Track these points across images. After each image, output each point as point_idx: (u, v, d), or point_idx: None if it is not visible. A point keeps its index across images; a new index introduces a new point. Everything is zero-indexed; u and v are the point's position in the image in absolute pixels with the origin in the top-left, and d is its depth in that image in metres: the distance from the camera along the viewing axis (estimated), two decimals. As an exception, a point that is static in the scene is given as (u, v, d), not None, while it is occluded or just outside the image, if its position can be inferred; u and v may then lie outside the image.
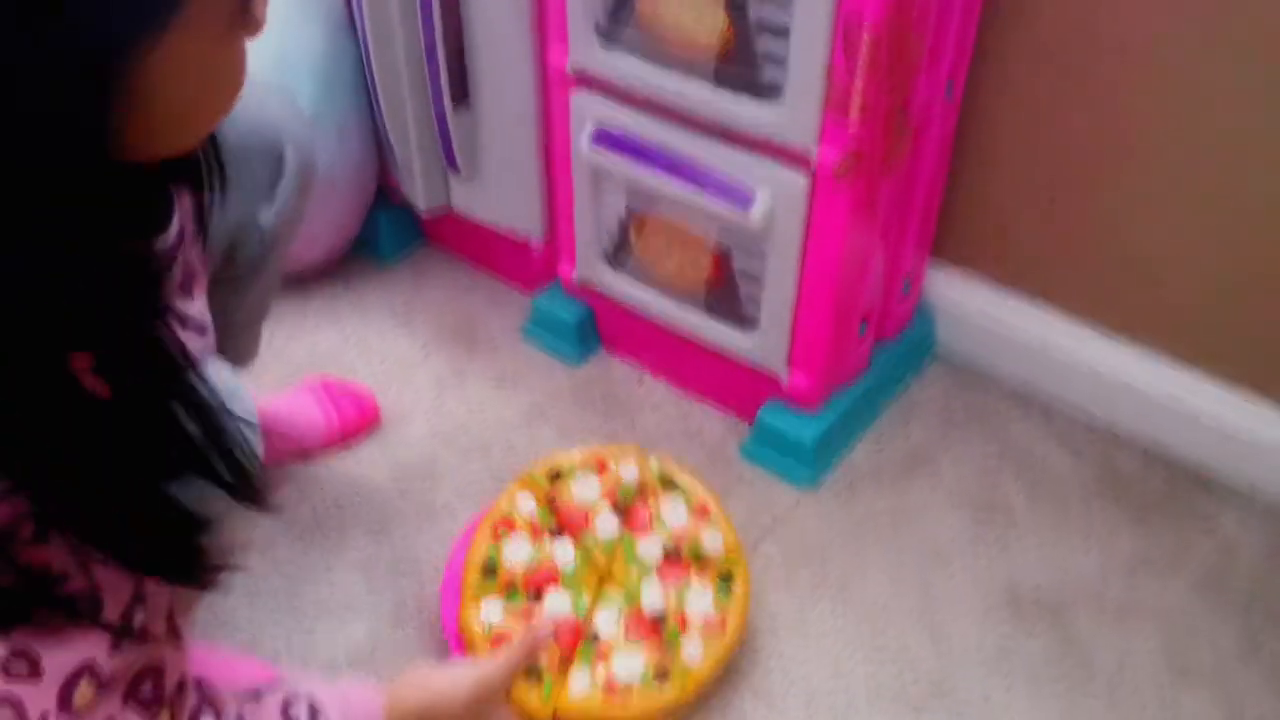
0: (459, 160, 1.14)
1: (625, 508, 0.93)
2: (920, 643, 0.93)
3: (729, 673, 0.89)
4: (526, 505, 0.93)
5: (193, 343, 0.60)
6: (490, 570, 0.89)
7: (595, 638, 0.86)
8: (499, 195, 1.17)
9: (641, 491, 0.94)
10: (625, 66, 0.94)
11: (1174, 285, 1.02)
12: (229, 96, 0.54)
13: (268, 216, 0.80)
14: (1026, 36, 0.98)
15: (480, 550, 0.90)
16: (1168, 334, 1.05)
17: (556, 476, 0.95)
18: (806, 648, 0.92)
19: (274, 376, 1.14)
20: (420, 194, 1.20)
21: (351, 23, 1.15)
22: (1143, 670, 0.91)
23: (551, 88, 1.04)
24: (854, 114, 0.84)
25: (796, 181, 0.90)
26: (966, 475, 1.06)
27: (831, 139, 0.86)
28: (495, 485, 1.05)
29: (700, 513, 0.93)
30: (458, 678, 0.74)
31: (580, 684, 0.83)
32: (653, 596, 0.88)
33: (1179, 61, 0.91)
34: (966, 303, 1.15)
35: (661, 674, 0.84)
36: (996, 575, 0.98)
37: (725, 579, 0.89)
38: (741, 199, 0.93)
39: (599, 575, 0.89)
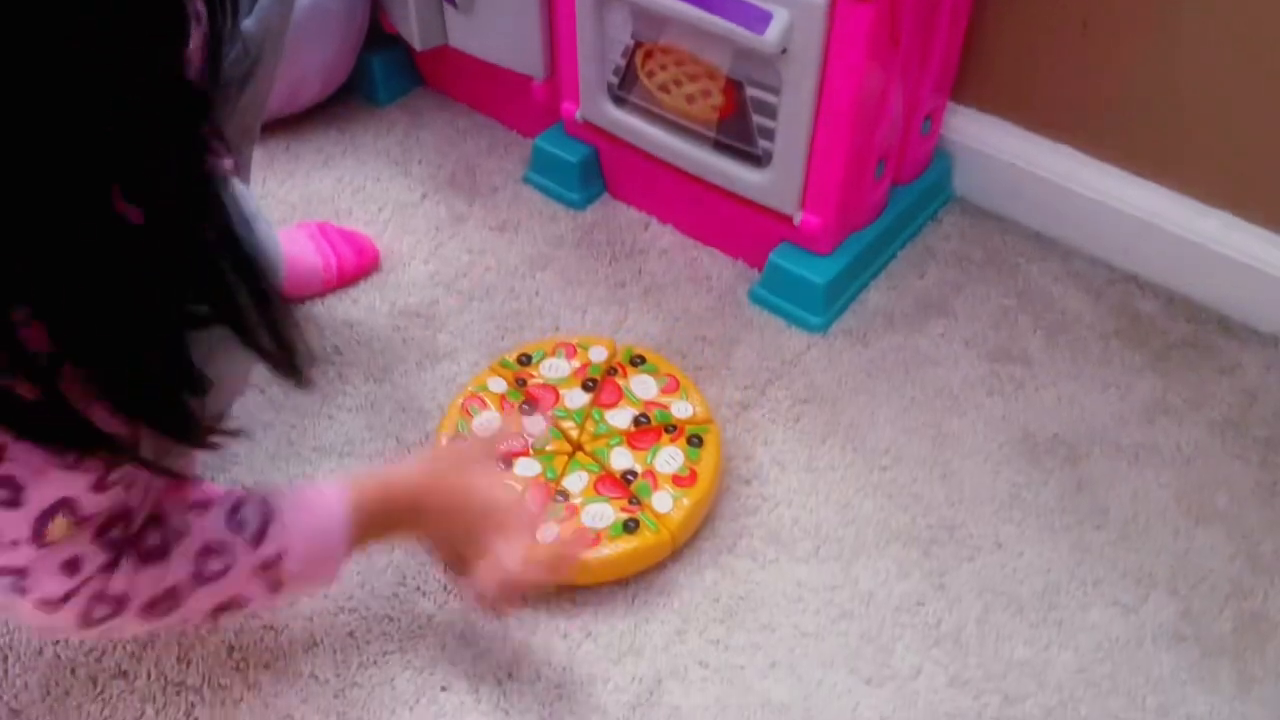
0: (455, -12, 1.08)
1: (594, 384, 0.91)
2: (931, 485, 0.91)
3: (730, 514, 0.88)
4: (497, 385, 0.91)
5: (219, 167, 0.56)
6: (459, 439, 0.88)
7: (564, 495, 0.85)
8: (498, 30, 1.11)
9: (610, 369, 0.92)
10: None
11: (1207, 125, 0.97)
12: None
13: (248, 22, 0.75)
14: None
15: (450, 422, 0.89)
16: (1197, 175, 1.00)
17: (526, 360, 0.93)
18: (816, 490, 0.90)
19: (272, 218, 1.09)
20: (415, 31, 1.13)
21: None
22: (1157, 510, 0.89)
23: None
24: (879, -81, 0.78)
25: (815, 0, 0.84)
26: (982, 319, 1.03)
27: (854, -51, 0.80)
28: (497, 330, 1.02)
29: (669, 387, 0.91)
30: (415, 461, 0.75)
31: (548, 537, 0.82)
32: (621, 458, 0.87)
33: None
34: (987, 144, 1.10)
35: (631, 525, 0.82)
36: (1011, 419, 0.96)
37: (695, 441, 0.87)
38: (757, 18, 0.87)
39: (569, 445, 0.88)
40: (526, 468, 0.87)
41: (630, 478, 0.85)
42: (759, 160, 0.99)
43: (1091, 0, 0.97)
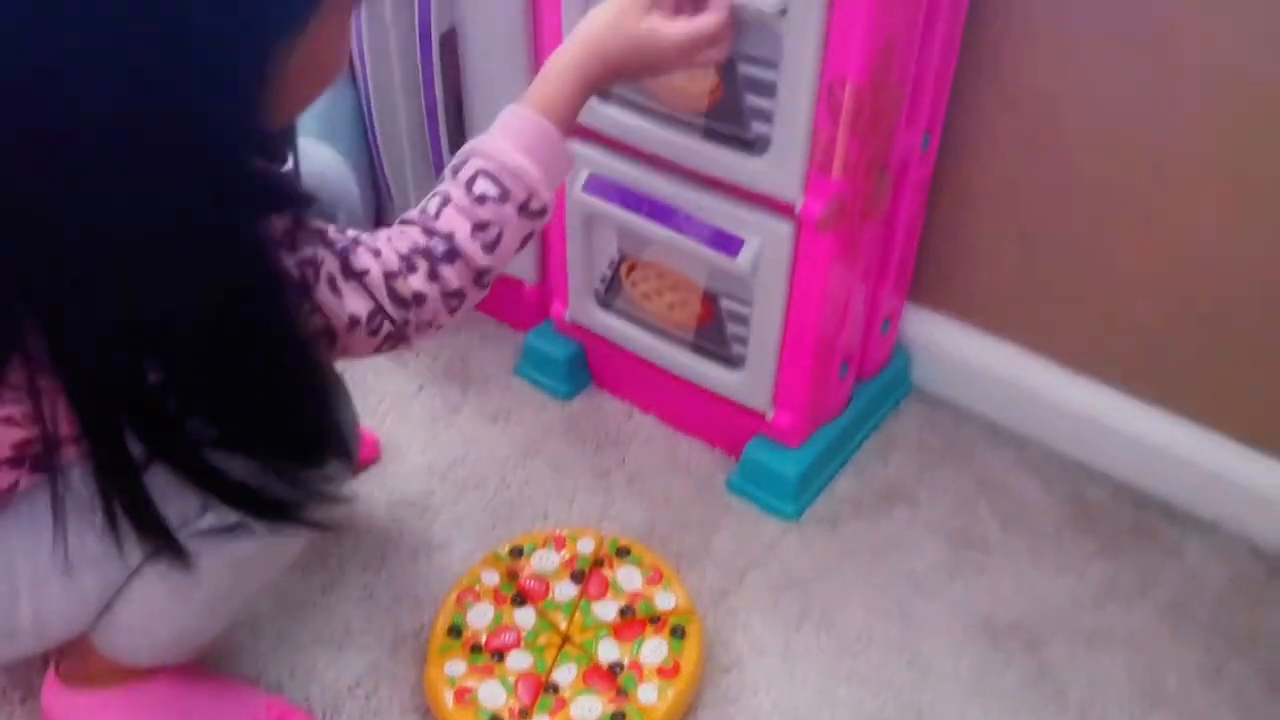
0: (455, 204, 1.18)
1: (583, 576, 0.98)
2: (900, 670, 0.97)
3: (712, 703, 0.93)
4: (490, 578, 0.98)
5: None
6: (455, 632, 0.93)
7: (554, 689, 0.90)
8: (492, 237, 1.21)
9: (597, 561, 0.99)
10: (618, 117, 0.98)
11: (1137, 327, 1.07)
12: (336, 74, 0.65)
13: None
14: (999, 89, 1.03)
15: (446, 615, 0.95)
16: (1133, 372, 1.10)
17: (518, 552, 1.00)
18: (794, 676, 0.96)
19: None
20: (416, 236, 1.23)
21: (353, 78, 1.19)
22: (1113, 694, 0.95)
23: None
24: (837, 171, 0.88)
25: (782, 230, 0.94)
26: (943, 506, 1.11)
27: (815, 193, 0.90)
28: (489, 520, 1.08)
29: (653, 578, 0.98)
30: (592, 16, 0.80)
31: None
32: (609, 650, 0.92)
33: (1146, 112, 0.97)
34: (942, 341, 1.20)
35: (618, 718, 0.87)
36: (973, 603, 1.02)
37: (678, 632, 0.93)
38: (730, 246, 0.97)
39: (558, 637, 0.93)
40: (518, 660, 0.92)
41: (617, 670, 0.91)
42: (733, 362, 1.08)
43: (1028, 215, 1.09)
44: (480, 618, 0.95)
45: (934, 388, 1.23)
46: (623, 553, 0.99)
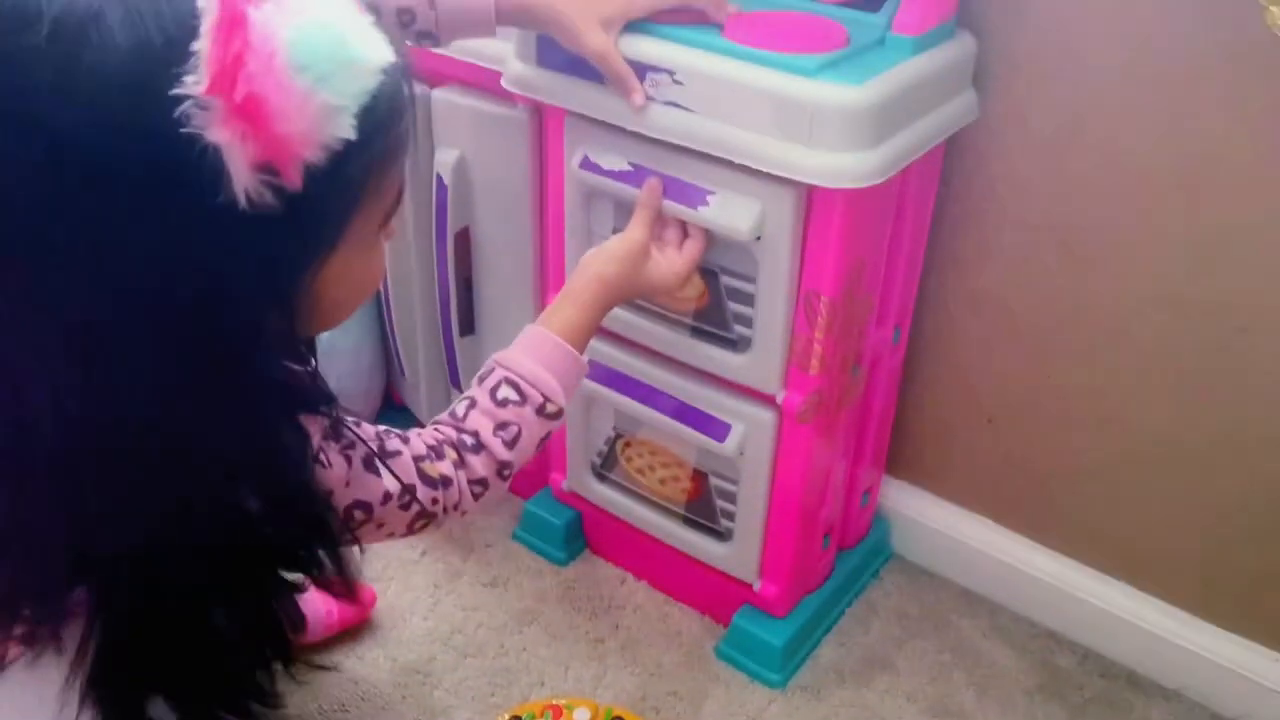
0: (462, 383, 1.27)
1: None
2: (883, 840, 1.01)
3: None
4: None
5: None
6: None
7: None
8: (496, 410, 1.30)
9: None
10: (617, 313, 1.08)
11: (1099, 504, 1.15)
12: (371, 290, 0.73)
13: None
14: (964, 285, 1.14)
15: None
16: (1093, 548, 1.17)
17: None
18: (779, 846, 1.00)
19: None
20: (425, 410, 1.32)
21: (369, 259, 1.30)
22: None
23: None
24: (814, 369, 0.98)
25: (765, 418, 1.03)
26: (921, 674, 1.16)
27: (795, 388, 0.99)
28: (488, 686, 1.13)
29: None
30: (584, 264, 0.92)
31: None
32: None
33: (1095, 317, 1.07)
34: (918, 513, 1.28)
35: None
36: (951, 773, 1.07)
37: None
38: (717, 431, 1.05)
39: None
40: None
41: None
42: (722, 535, 1.15)
43: (994, 400, 1.18)
44: None
45: (913, 554, 1.30)
46: None
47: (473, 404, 0.84)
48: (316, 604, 1.16)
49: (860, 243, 0.94)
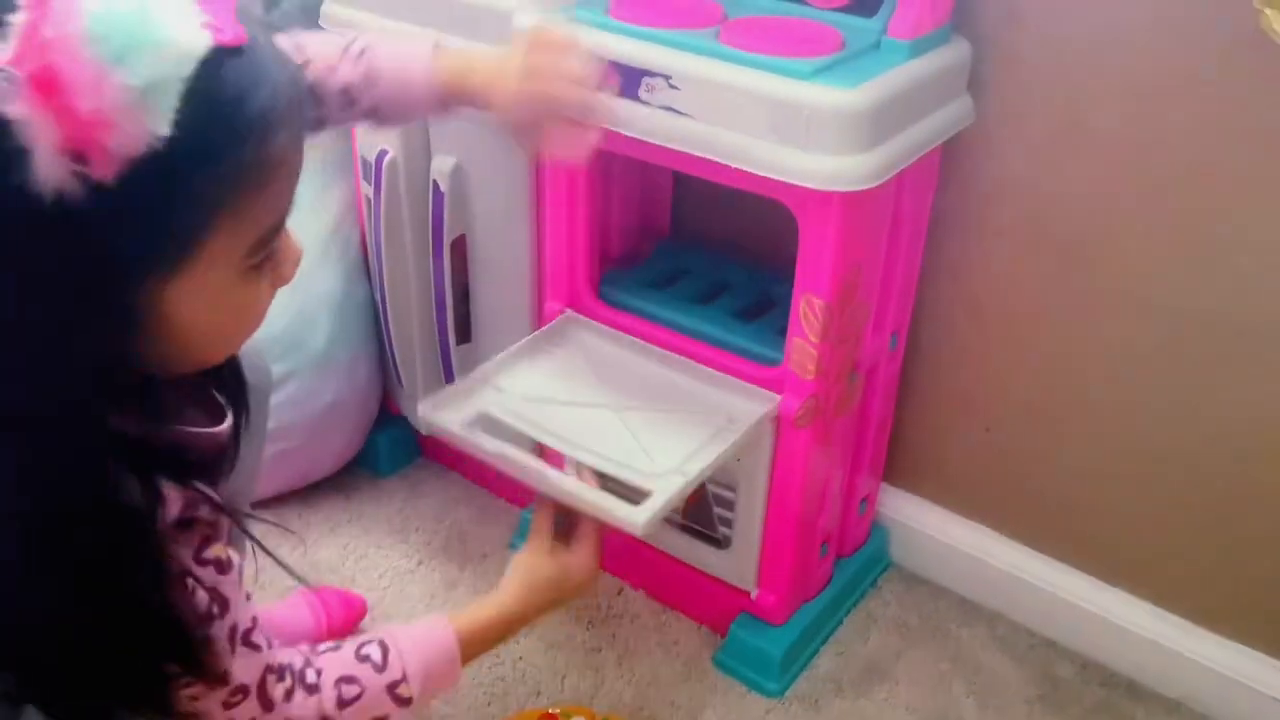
0: (459, 391, 1.27)
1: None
2: None
3: None
4: None
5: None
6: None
7: None
8: (492, 419, 1.29)
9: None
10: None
11: (1096, 511, 1.15)
12: (244, 333, 0.66)
13: None
14: (960, 292, 1.14)
15: None
16: (1091, 556, 1.17)
17: None
18: None
19: (278, 589, 1.22)
20: (422, 418, 1.31)
21: (365, 267, 1.30)
22: None
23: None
24: (810, 374, 0.97)
25: (764, 426, 1.03)
26: (920, 684, 1.15)
27: (792, 393, 0.99)
28: (484, 697, 1.12)
29: None
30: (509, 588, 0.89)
31: None
32: None
33: (1102, 317, 1.07)
34: (916, 521, 1.27)
35: None
36: (951, 783, 1.06)
37: None
38: (714, 439, 1.05)
39: None
40: None
41: None
42: (720, 543, 1.14)
43: (991, 409, 1.18)
44: None
45: (911, 563, 1.29)
46: None
47: (336, 647, 0.80)
48: (304, 615, 1.15)
49: (857, 247, 0.94)
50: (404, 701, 0.79)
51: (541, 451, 1.01)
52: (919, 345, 1.18)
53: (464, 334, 1.25)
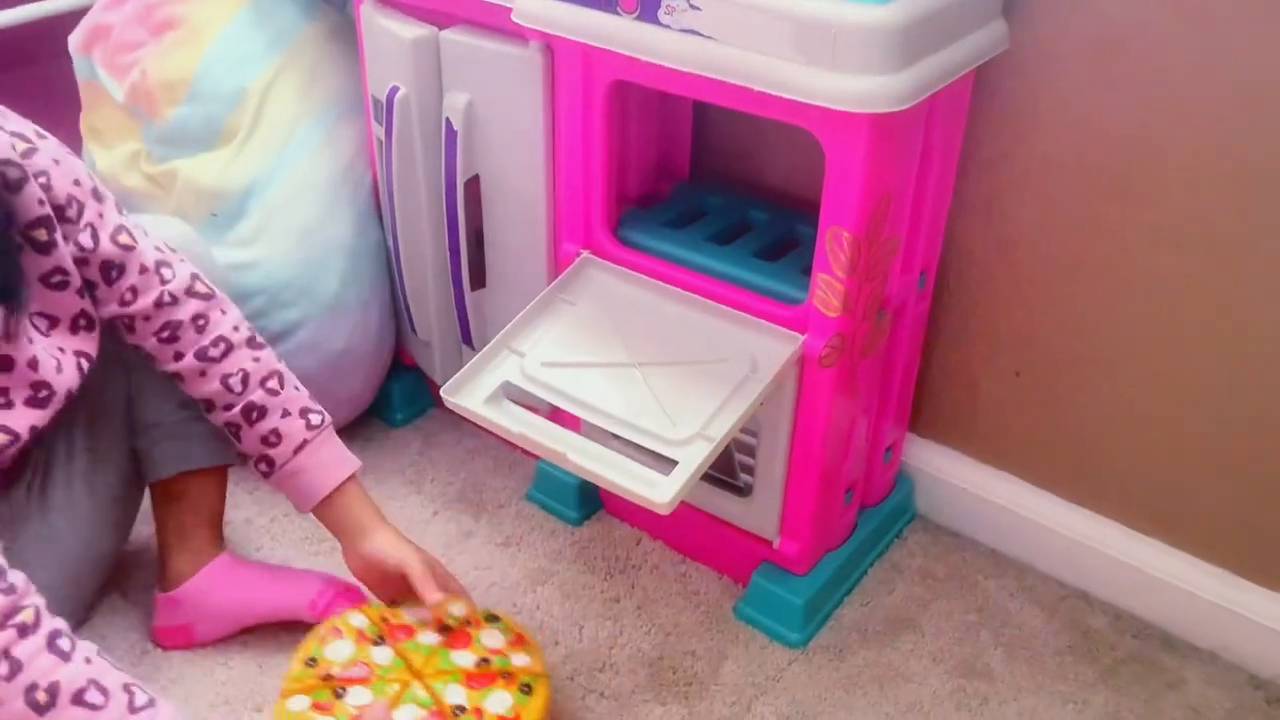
0: (474, 338, 1.24)
1: (448, 630, 1.00)
2: (909, 801, 0.97)
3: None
4: (359, 621, 1.00)
5: None
6: (311, 662, 0.95)
7: None
8: (508, 367, 1.26)
9: (466, 622, 1.01)
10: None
11: (1129, 459, 1.11)
12: None
13: None
14: (992, 230, 1.10)
15: (306, 647, 0.97)
16: (1125, 505, 1.13)
17: (393, 603, 1.03)
18: (801, 806, 0.96)
19: (295, 535, 1.20)
20: (437, 367, 1.29)
21: (377, 212, 1.27)
22: (1120, 828, 0.95)
23: (561, 270, 1.14)
24: (835, 311, 0.94)
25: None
26: (947, 634, 1.13)
27: (817, 331, 0.96)
28: (502, 645, 1.10)
29: (515, 642, 0.99)
30: None
31: None
32: (455, 695, 0.93)
33: (1133, 260, 1.03)
34: (943, 471, 1.24)
35: None
36: (979, 734, 1.03)
37: (526, 689, 0.94)
38: (736, 381, 1.02)
39: (409, 675, 0.95)
40: (359, 697, 0.92)
41: (458, 713, 0.91)
42: (741, 491, 1.11)
43: (1021, 353, 1.14)
44: (338, 652, 0.96)
45: (937, 514, 1.26)
46: (491, 619, 1.01)
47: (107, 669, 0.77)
48: (299, 596, 1.09)
49: (886, 176, 0.90)
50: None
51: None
52: (947, 285, 1.14)
53: (479, 279, 1.22)
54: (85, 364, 0.91)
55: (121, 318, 0.92)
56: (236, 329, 0.97)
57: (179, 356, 0.95)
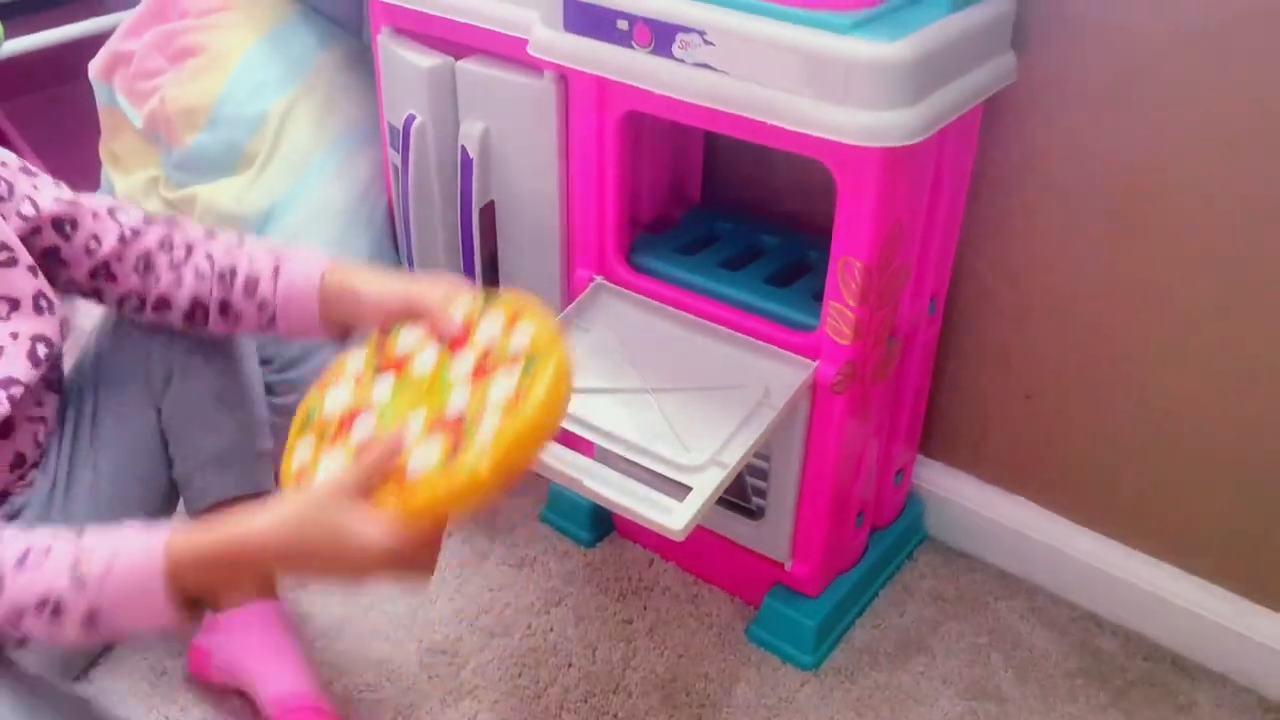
0: (488, 360, 1.25)
1: (448, 340, 0.85)
2: (921, 824, 0.98)
3: None
4: (355, 363, 0.88)
5: None
6: (308, 420, 0.85)
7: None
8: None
9: (465, 322, 0.86)
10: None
11: (1138, 482, 1.12)
12: None
13: None
14: (1001, 256, 1.11)
15: (305, 404, 0.86)
16: (1134, 529, 1.14)
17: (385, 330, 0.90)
18: (814, 829, 0.97)
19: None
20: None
21: (393, 236, 1.28)
22: None
23: (575, 296, 1.16)
24: (848, 339, 0.95)
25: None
26: (957, 656, 1.13)
27: (829, 359, 0.97)
28: (515, 667, 1.11)
29: (512, 320, 0.84)
30: (263, 519, 0.74)
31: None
32: (457, 401, 0.80)
33: (1138, 288, 1.04)
34: (953, 493, 1.25)
35: (454, 454, 0.76)
36: (990, 757, 1.04)
37: (528, 367, 0.79)
38: (749, 406, 1.03)
39: (411, 400, 0.82)
40: (364, 427, 0.82)
41: (463, 416, 0.78)
42: (754, 514, 1.12)
43: (1032, 376, 1.15)
44: (338, 397, 0.85)
45: (948, 536, 1.27)
46: (488, 302, 0.86)
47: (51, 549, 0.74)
48: (278, 687, 1.03)
49: (897, 207, 0.91)
50: (89, 622, 0.72)
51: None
52: (957, 311, 1.15)
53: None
54: (43, 349, 0.89)
55: (99, 270, 0.91)
56: (196, 233, 0.94)
57: (159, 280, 0.93)
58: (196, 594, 0.74)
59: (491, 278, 1.22)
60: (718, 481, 0.92)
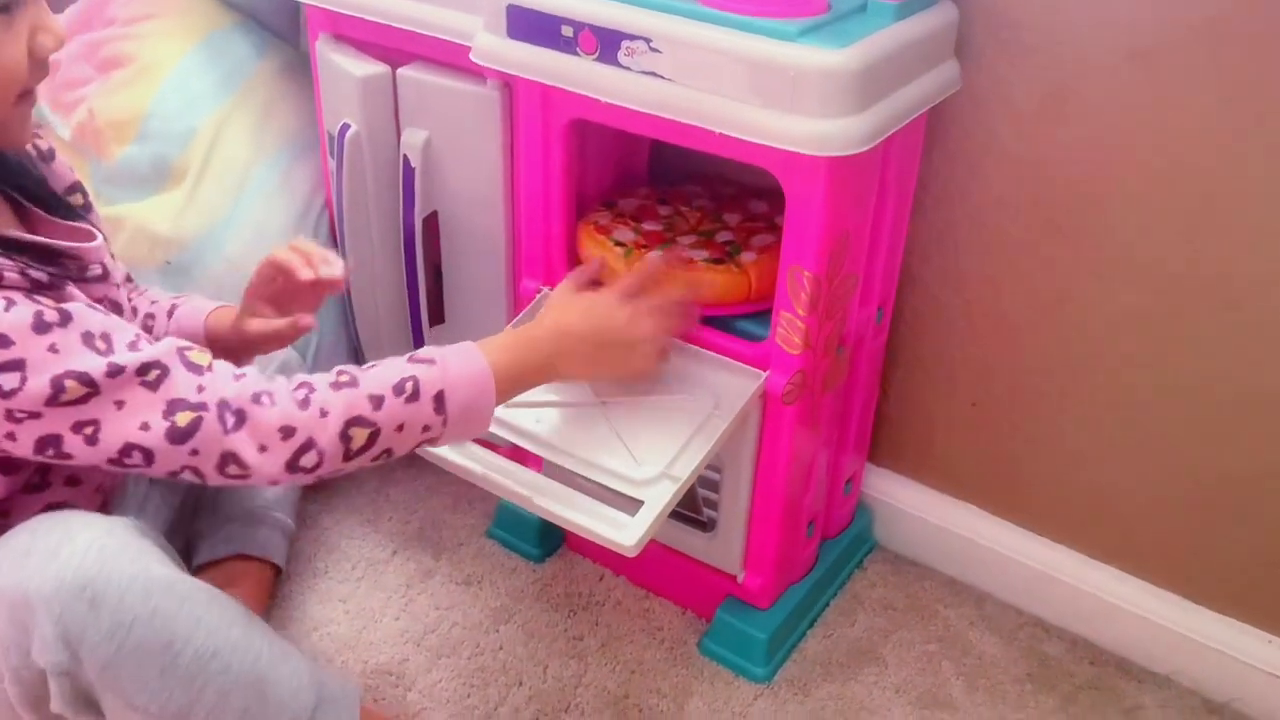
0: (432, 374, 1.23)
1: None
2: (876, 835, 0.97)
3: None
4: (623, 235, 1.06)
5: None
6: (609, 204, 1.11)
7: (675, 242, 1.04)
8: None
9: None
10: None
11: (1083, 489, 1.13)
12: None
13: None
14: (947, 264, 1.11)
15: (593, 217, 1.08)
16: (1077, 532, 1.15)
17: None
18: (770, 844, 0.96)
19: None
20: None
21: (335, 245, 1.25)
22: None
23: (521, 308, 1.14)
24: (797, 349, 0.94)
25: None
26: (909, 665, 1.13)
27: (779, 369, 0.96)
28: (463, 688, 1.09)
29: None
30: (546, 318, 0.94)
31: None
32: (724, 236, 1.06)
33: (1079, 295, 1.05)
34: (901, 501, 1.25)
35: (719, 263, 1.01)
36: (943, 765, 1.04)
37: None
38: (699, 417, 1.02)
39: (688, 223, 1.09)
40: (651, 224, 1.07)
41: (729, 246, 1.04)
42: (705, 526, 1.11)
43: (978, 383, 1.16)
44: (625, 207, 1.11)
45: (897, 544, 1.27)
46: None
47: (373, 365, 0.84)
48: None
49: (845, 215, 0.91)
50: (440, 408, 0.83)
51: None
52: (904, 319, 1.16)
53: (437, 315, 1.21)
54: None
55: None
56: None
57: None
58: (505, 390, 0.87)
59: (436, 289, 1.19)
60: (670, 495, 0.91)
